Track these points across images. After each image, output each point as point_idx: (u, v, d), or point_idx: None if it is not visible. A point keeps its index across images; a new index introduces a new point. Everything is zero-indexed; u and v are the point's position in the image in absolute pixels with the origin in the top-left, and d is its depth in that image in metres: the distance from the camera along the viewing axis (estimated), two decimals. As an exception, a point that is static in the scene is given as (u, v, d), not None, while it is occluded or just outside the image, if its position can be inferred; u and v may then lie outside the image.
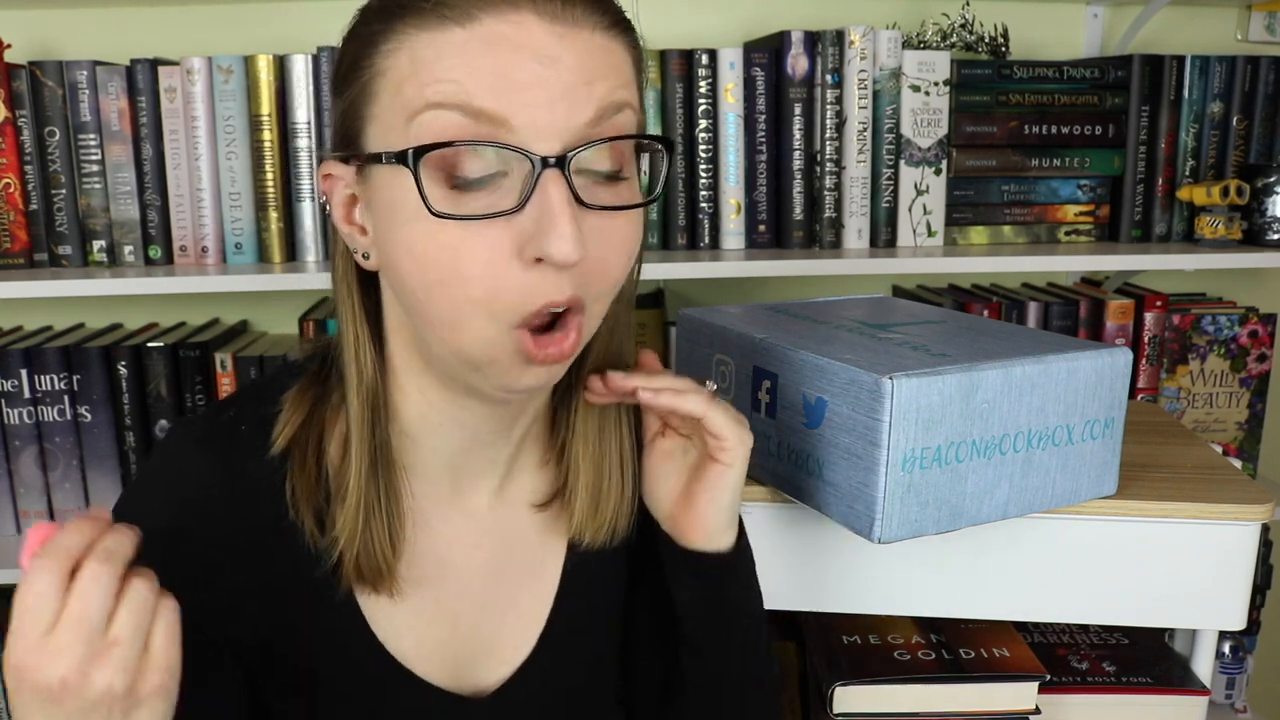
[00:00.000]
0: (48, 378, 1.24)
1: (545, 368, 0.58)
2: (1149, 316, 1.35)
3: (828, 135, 1.27)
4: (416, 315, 0.59)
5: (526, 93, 0.53)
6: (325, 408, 0.67)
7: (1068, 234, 1.36)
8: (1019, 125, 1.31)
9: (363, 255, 0.62)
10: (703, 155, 1.27)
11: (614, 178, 0.58)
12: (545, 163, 0.53)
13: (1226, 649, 1.35)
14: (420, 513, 0.69)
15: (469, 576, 0.72)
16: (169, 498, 0.65)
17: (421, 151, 0.53)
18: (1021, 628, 1.01)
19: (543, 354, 0.57)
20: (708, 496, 0.69)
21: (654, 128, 1.26)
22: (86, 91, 1.20)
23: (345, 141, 0.60)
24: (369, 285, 0.64)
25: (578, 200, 0.55)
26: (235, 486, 0.65)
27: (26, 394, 1.24)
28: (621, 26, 0.59)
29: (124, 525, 0.53)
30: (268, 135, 1.22)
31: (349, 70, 0.59)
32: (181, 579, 0.63)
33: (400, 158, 0.54)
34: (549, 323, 0.57)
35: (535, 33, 0.53)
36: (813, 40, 1.25)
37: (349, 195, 0.61)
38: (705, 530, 0.70)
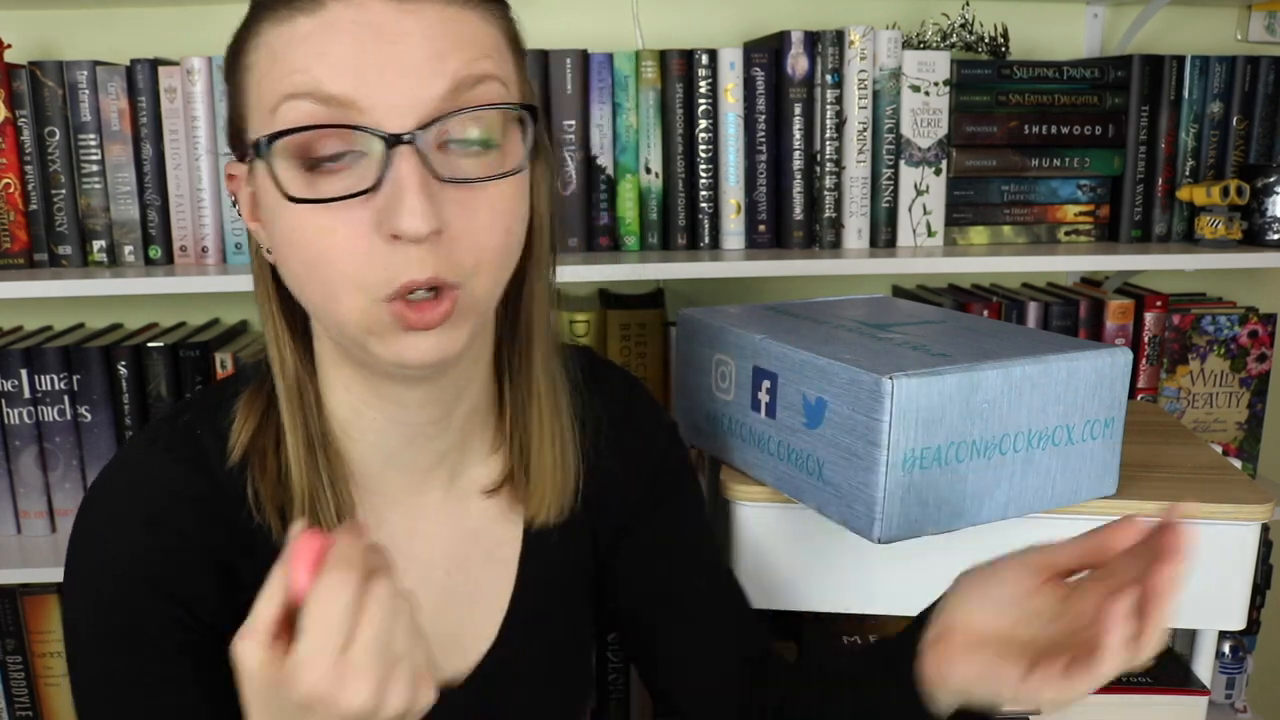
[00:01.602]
0: (48, 378, 1.24)
1: (424, 336, 0.57)
2: (1149, 316, 1.35)
3: (828, 135, 1.27)
4: (302, 299, 0.60)
5: (374, 73, 0.54)
6: (277, 410, 0.67)
7: (1068, 234, 1.36)
8: (1019, 125, 1.31)
9: (267, 250, 0.63)
10: (703, 155, 1.27)
11: (484, 149, 0.57)
12: (396, 140, 0.54)
13: (1226, 649, 1.35)
14: (372, 509, 0.70)
15: (428, 568, 0.72)
16: (140, 501, 0.65)
17: (272, 139, 0.54)
18: (1021, 628, 1.01)
19: (415, 318, 0.56)
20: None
21: (654, 128, 1.26)
22: (86, 91, 1.20)
23: (234, 140, 0.62)
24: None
25: (435, 175, 0.55)
26: (202, 488, 0.65)
27: (26, 394, 1.24)
28: None
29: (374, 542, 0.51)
30: (268, 135, 1.22)
31: (227, 70, 0.61)
32: (162, 579, 0.63)
33: (255, 148, 0.56)
34: (424, 289, 0.57)
35: (380, 12, 0.54)
36: (813, 40, 1.25)
37: (250, 194, 0.62)
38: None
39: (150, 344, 1.25)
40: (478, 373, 0.69)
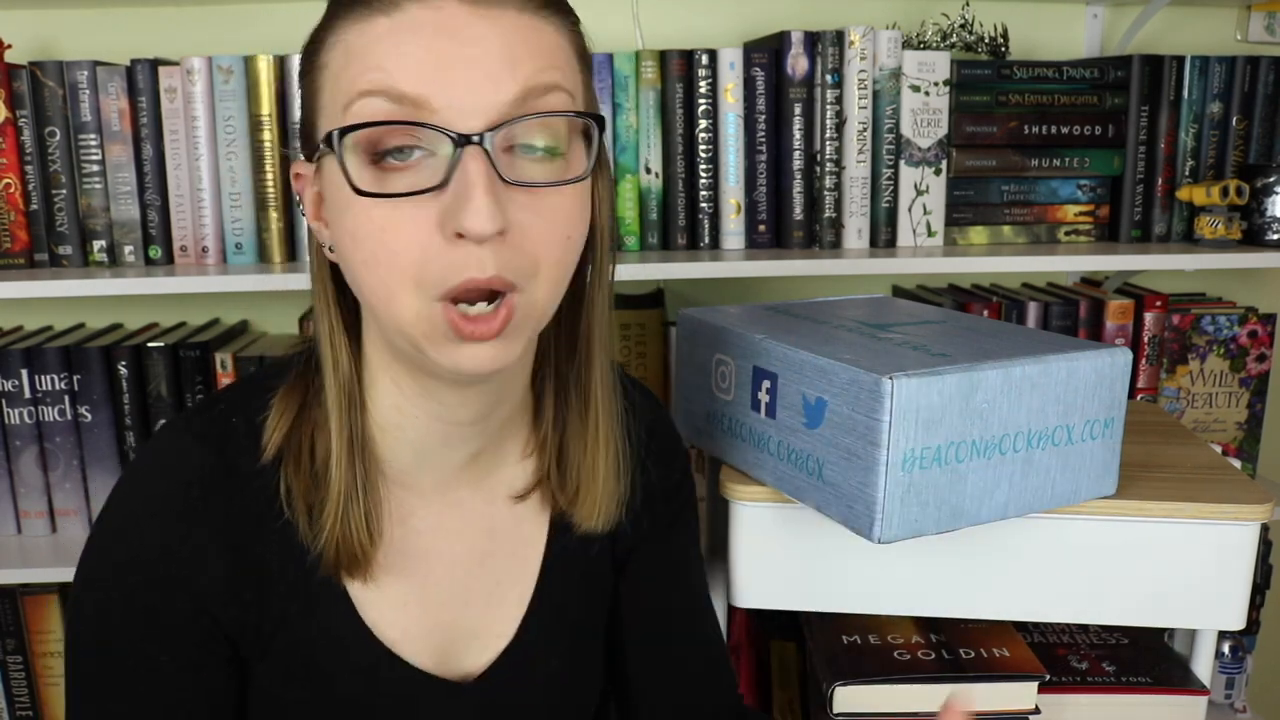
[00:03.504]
0: (48, 378, 1.24)
1: (481, 346, 0.58)
2: (1149, 316, 1.35)
3: (828, 135, 1.27)
4: (361, 296, 0.61)
5: (448, 74, 0.54)
6: (315, 406, 0.68)
7: (1068, 234, 1.36)
8: (1019, 125, 1.31)
9: (329, 249, 0.63)
10: (703, 155, 1.27)
11: (549, 156, 0.58)
12: (466, 140, 0.54)
13: (1226, 649, 1.35)
14: (402, 503, 0.70)
15: (452, 564, 0.73)
16: (169, 485, 0.65)
17: (345, 132, 0.55)
18: (1021, 628, 1.01)
19: (470, 329, 0.57)
20: None
21: (654, 128, 1.26)
22: (86, 91, 1.20)
23: (305, 139, 0.62)
24: (344, 283, 0.65)
25: (501, 177, 0.55)
26: (232, 480, 0.66)
27: (26, 394, 1.24)
28: (553, 9, 0.59)
29: None
30: (268, 135, 1.22)
31: (302, 70, 0.62)
32: (181, 561, 0.64)
33: (327, 140, 0.56)
34: (483, 299, 0.57)
35: (457, 15, 0.55)
36: (813, 40, 1.25)
37: (316, 192, 0.63)
38: None
39: (150, 344, 1.25)
40: (521, 377, 0.70)
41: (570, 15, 0.61)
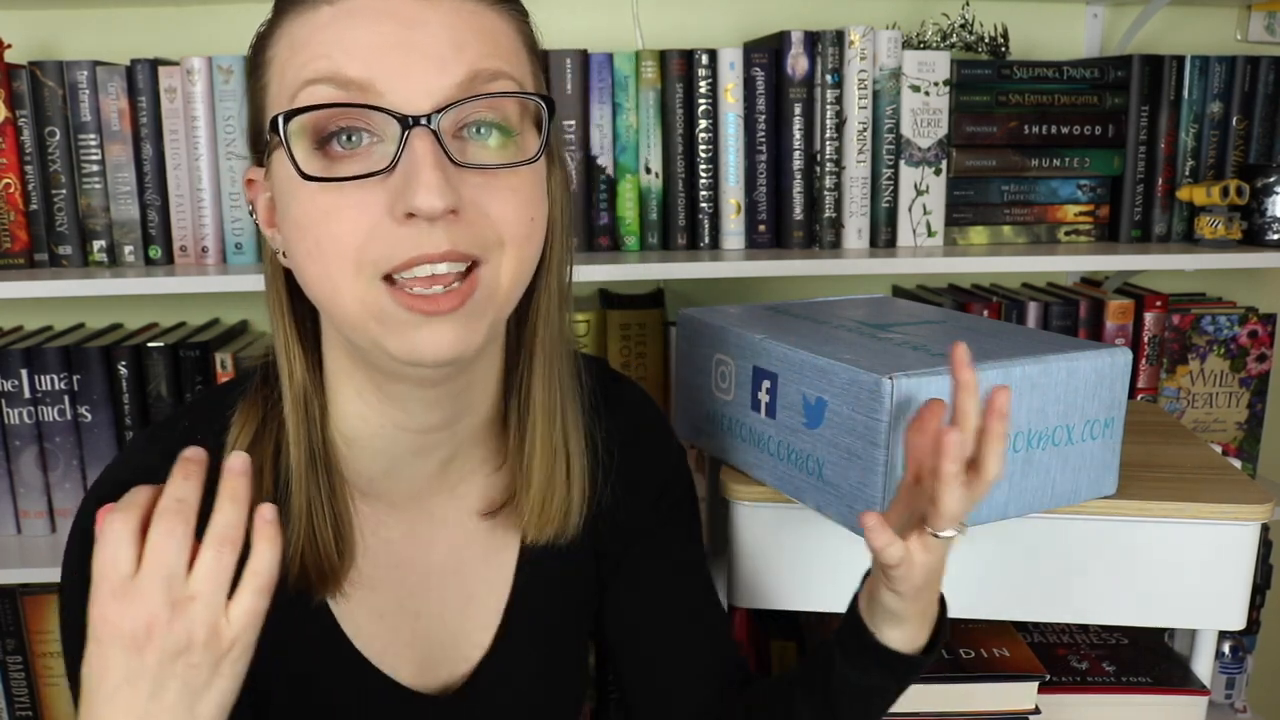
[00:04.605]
0: (48, 378, 1.24)
1: (442, 326, 0.56)
2: (1149, 316, 1.35)
3: (828, 135, 1.27)
4: (308, 291, 0.60)
5: (393, 58, 0.54)
6: (274, 421, 0.66)
7: (1068, 234, 1.36)
8: (1019, 125, 1.31)
9: (282, 255, 0.62)
10: (703, 155, 1.27)
11: (501, 141, 0.58)
12: (414, 121, 0.54)
13: (1226, 649, 1.35)
14: (373, 514, 0.69)
15: (426, 574, 0.72)
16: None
17: (291, 116, 0.55)
18: (1021, 628, 1.01)
19: (428, 305, 0.55)
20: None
21: (654, 128, 1.26)
22: (86, 91, 1.20)
23: (254, 141, 0.61)
24: (299, 291, 0.64)
25: (450, 159, 0.55)
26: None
27: (26, 394, 1.24)
28: None
29: (187, 470, 0.55)
30: (268, 135, 1.22)
31: (248, 70, 0.61)
32: None
33: (273, 125, 0.55)
34: (439, 285, 0.56)
35: (401, 2, 0.55)
36: (813, 40, 1.25)
37: (268, 199, 0.61)
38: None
39: (150, 344, 1.25)
40: (487, 383, 0.69)
41: (518, 8, 0.61)
